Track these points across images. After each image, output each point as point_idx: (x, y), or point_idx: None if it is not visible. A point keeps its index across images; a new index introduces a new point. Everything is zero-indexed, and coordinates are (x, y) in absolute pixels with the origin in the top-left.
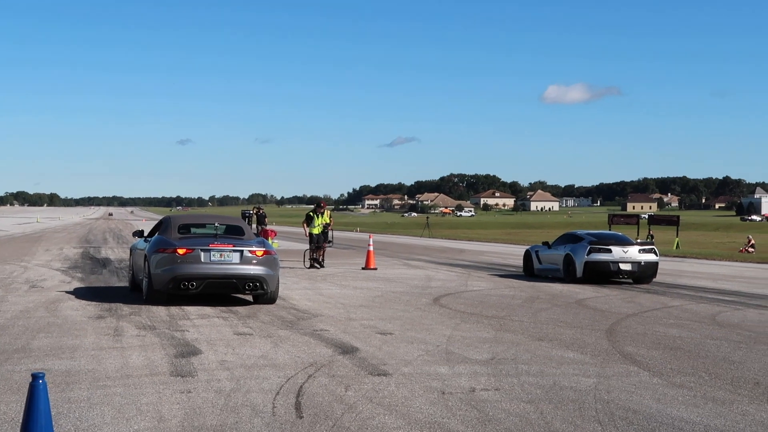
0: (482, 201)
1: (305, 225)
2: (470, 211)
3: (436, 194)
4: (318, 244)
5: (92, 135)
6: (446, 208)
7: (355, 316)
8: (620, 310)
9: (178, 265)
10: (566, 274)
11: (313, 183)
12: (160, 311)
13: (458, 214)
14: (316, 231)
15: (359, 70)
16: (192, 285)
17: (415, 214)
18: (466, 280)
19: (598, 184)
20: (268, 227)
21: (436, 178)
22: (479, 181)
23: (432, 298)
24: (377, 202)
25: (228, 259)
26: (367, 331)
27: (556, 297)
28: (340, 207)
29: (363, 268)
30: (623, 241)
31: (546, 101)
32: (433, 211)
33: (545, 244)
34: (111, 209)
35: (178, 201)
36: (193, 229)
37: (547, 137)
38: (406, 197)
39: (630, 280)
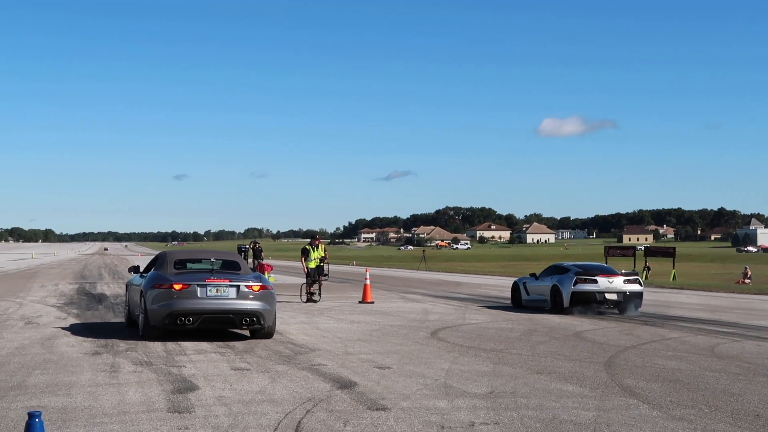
0: (478, 234)
1: (303, 259)
2: (466, 243)
3: (432, 227)
4: (314, 278)
5: (87, 170)
6: (442, 241)
7: (353, 350)
8: (618, 342)
9: (174, 300)
10: (553, 305)
11: (308, 217)
12: (157, 347)
13: (454, 247)
14: (312, 265)
15: (354, 104)
16: (189, 320)
17: (412, 248)
18: (463, 313)
19: (593, 216)
20: (265, 261)
21: (432, 211)
22: (475, 214)
23: (430, 331)
24: (373, 235)
25: (225, 294)
26: (365, 365)
27: (553, 330)
28: (336, 240)
29: (360, 302)
30: (608, 272)
31: (541, 134)
32: (429, 244)
33: (532, 275)
34: (106, 244)
35: (173, 236)
36: (189, 265)
37: (542, 170)
38: (401, 230)
39: (616, 310)
